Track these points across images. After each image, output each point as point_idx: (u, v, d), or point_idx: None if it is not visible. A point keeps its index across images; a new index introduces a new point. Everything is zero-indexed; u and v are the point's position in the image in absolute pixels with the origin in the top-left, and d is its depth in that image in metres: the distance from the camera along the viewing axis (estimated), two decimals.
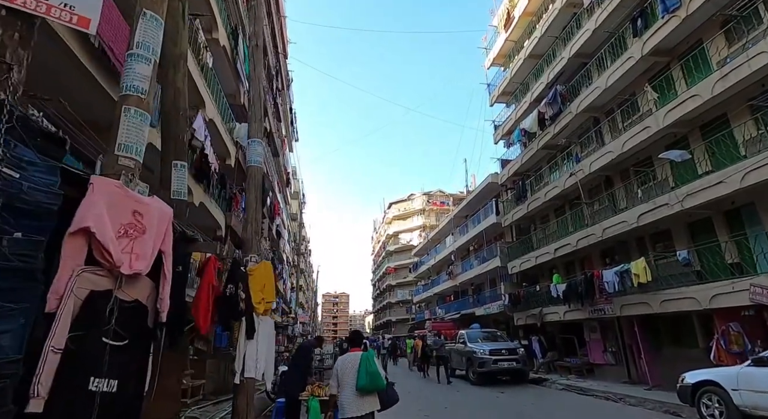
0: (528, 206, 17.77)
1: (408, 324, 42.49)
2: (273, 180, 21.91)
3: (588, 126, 14.91)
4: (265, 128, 17.34)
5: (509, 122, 20.10)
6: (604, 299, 12.23)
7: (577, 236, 13.95)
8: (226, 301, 3.67)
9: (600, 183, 14.24)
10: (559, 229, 16.15)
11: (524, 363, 12.01)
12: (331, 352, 15.74)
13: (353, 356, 3.75)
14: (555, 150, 16.97)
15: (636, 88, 12.30)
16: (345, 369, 3.68)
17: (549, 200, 16.31)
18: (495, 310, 20.61)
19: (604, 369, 13.52)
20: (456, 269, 27.52)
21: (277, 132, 22.65)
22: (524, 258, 18.02)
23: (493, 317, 21.45)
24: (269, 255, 21.23)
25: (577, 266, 15.79)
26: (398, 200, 60.61)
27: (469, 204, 26.16)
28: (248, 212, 5.26)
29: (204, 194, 9.96)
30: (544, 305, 16.06)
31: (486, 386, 11.79)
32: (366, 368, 3.57)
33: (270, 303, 4.79)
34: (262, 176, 5.54)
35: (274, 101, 19.32)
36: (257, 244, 5.25)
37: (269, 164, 18.77)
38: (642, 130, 11.04)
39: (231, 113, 13.06)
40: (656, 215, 10.42)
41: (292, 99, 27.23)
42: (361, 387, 3.53)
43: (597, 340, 13.95)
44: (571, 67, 15.38)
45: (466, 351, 12.55)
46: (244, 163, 14.11)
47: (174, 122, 3.71)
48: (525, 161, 18.40)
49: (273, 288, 5.02)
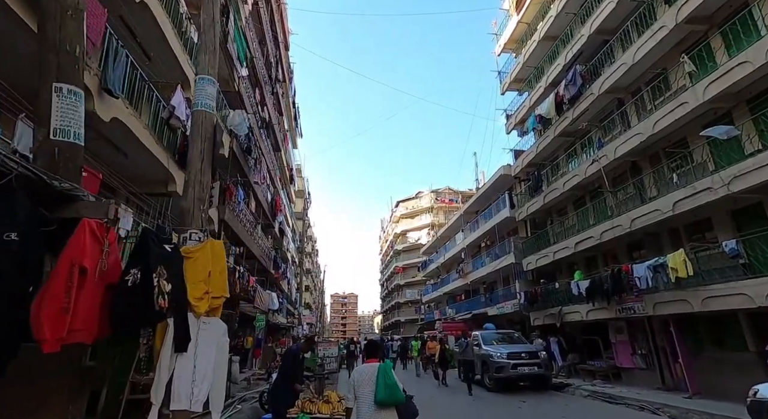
0: (544, 197, 16.60)
1: (417, 324, 41.42)
2: (275, 176, 21.04)
3: (611, 109, 13.71)
4: (264, 118, 16.46)
5: (522, 109, 18.93)
6: (634, 297, 11.05)
7: (601, 229, 12.76)
8: (127, 294, 2.40)
9: (625, 171, 13.04)
10: (580, 222, 14.95)
11: (546, 368, 10.88)
12: (335, 355, 14.67)
13: (370, 367, 3.57)
14: (573, 137, 15.77)
15: (668, 63, 11.10)
16: (362, 381, 3.49)
17: (568, 190, 15.12)
18: (509, 309, 19.44)
19: (633, 374, 12.32)
20: (467, 268, 26.36)
21: (278, 125, 21.78)
22: (541, 254, 16.85)
23: (507, 317, 20.29)
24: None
25: (599, 262, 14.59)
26: (406, 199, 59.56)
27: (479, 199, 25.01)
28: (190, 171, 4.18)
29: None
30: (564, 304, 14.89)
31: (503, 393, 10.70)
32: (384, 380, 3.37)
33: (220, 299, 3.68)
34: (214, 128, 4.44)
35: (273, 91, 18.43)
36: (202, 216, 4.22)
37: (269, 155, 17.88)
38: (677, 107, 9.85)
39: (224, 100, 12.15)
40: (696, 201, 9.23)
41: (294, 92, 26.37)
42: (380, 401, 3.33)
43: (624, 342, 12.75)
44: (592, 45, 14.20)
45: (480, 354, 11.47)
46: (239, 153, 13.24)
47: (54, 23, 2.49)
48: (540, 150, 17.22)
49: (224, 278, 3.81)
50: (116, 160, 7.40)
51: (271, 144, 20.04)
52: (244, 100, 13.12)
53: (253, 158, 13.76)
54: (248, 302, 12.73)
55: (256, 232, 16.40)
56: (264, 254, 18.12)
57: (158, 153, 7.51)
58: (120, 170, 7.72)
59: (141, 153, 7.20)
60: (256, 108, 15.43)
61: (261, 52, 16.46)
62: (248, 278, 14.07)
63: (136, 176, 8.06)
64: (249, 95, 14.16)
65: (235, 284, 12.66)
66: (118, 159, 7.33)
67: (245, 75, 12.87)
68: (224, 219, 11.56)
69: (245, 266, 13.50)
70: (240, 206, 12.65)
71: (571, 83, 14.00)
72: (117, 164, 7.53)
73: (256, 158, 14.05)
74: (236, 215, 12.82)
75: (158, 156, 7.53)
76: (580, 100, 14.04)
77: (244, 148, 13.21)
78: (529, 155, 18.25)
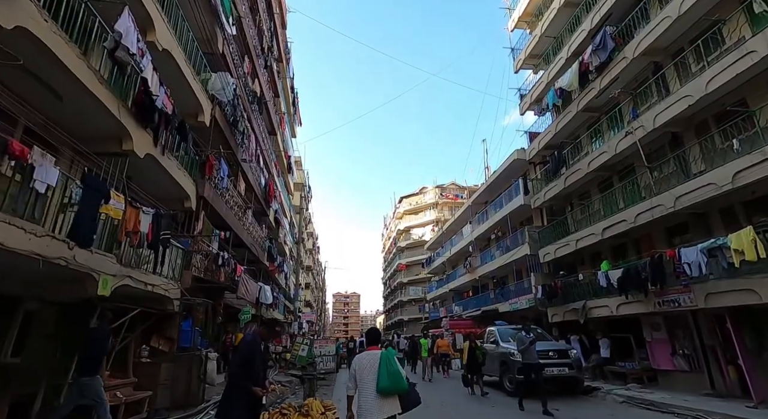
0: (565, 180, 14.98)
1: (421, 323, 39.84)
2: (269, 160, 19.53)
3: (645, 76, 12.09)
4: (255, 92, 14.92)
5: (539, 86, 17.31)
6: (680, 288, 9.44)
7: (636, 211, 11.14)
8: None
9: (663, 144, 11.42)
10: (606, 206, 13.32)
11: (578, 369, 9.28)
12: (332, 353, 13.15)
13: (372, 354, 3.43)
14: (598, 112, 14.16)
15: (721, 12, 9.46)
16: (363, 369, 3.37)
17: (593, 171, 13.50)
18: (523, 305, 17.85)
19: (674, 377, 10.70)
20: (475, 262, 24.76)
21: (274, 107, 20.27)
22: (560, 243, 15.23)
23: (521, 313, 18.67)
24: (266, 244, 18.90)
25: (630, 250, 12.96)
26: (409, 194, 58.01)
27: (489, 188, 23.39)
28: None
29: (153, 146, 7.51)
30: (588, 298, 13.29)
31: (526, 397, 9.10)
32: (387, 368, 3.25)
33: None
34: None
35: (267, 65, 16.90)
36: None
37: (261, 134, 16.35)
38: (739, 58, 8.22)
39: (205, 63, 10.63)
40: (766, 170, 7.62)
41: (292, 75, 24.86)
42: (383, 389, 3.20)
43: (662, 340, 11.13)
44: (621, 7, 12.58)
45: (499, 352, 9.90)
46: (223, 124, 11.71)
47: None
48: (560, 130, 15.60)
49: None
50: (52, 107, 5.89)
51: (265, 125, 18.53)
52: (229, 65, 11.60)
53: (240, 131, 12.25)
54: (233, 292, 11.22)
55: (246, 217, 14.89)
56: (256, 242, 16.61)
57: (105, 98, 5.99)
58: (63, 124, 6.22)
59: (80, 95, 5.67)
60: (245, 79, 13.92)
61: (252, 20, 14.95)
62: (234, 266, 12.56)
63: (84, 132, 6.56)
64: (236, 61, 12.64)
65: (218, 272, 11.17)
66: (51, 105, 5.81)
67: (232, 34, 11.34)
68: (204, 196, 10.05)
69: (231, 253, 12.00)
70: (224, 183, 11.13)
71: (599, 48, 12.38)
72: (55, 112, 6.03)
73: (244, 131, 12.53)
74: (220, 193, 11.31)
75: (106, 102, 6.00)
76: (610, 68, 12.42)
77: (230, 119, 11.70)
78: (546, 136, 16.64)
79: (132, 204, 5.65)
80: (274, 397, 10.24)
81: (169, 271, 8.56)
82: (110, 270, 6.11)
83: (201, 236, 9.96)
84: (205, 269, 10.46)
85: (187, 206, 9.61)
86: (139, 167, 8.02)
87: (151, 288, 7.55)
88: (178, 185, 9.07)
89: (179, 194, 9.40)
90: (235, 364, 3.50)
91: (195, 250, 9.78)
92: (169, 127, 7.51)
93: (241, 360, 3.44)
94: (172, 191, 9.25)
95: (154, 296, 7.98)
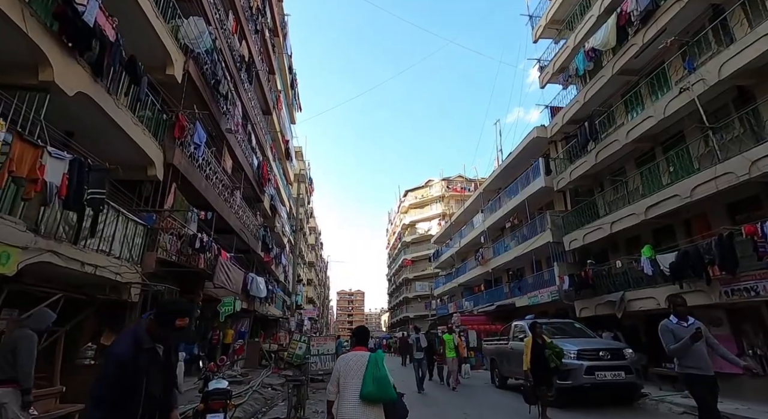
0: (596, 156, 13.11)
1: (428, 320, 38.04)
2: (264, 142, 17.82)
3: (700, 25, 10.21)
4: (242, 55, 13.19)
5: (564, 51, 15.41)
6: (758, 273, 7.61)
7: (692, 183, 9.27)
8: None
9: (727, 102, 9.55)
10: (648, 182, 11.48)
11: (637, 373, 7.46)
12: (332, 352, 11.40)
13: (358, 355, 2.99)
14: (637, 75, 12.29)
15: None
16: (348, 371, 2.92)
17: (632, 141, 11.63)
18: (545, 299, 16.03)
19: (739, 382, 8.83)
20: (487, 254, 22.94)
21: (268, 83, 18.55)
22: (590, 228, 13.38)
23: (541, 308, 16.86)
24: (260, 232, 17.19)
25: (679, 232, 11.10)
26: (415, 188, 56.17)
27: (503, 173, 21.52)
28: None
29: (92, 81, 5.78)
30: (627, 288, 11.47)
31: (570, 408, 7.33)
32: (373, 372, 2.83)
33: None
34: None
35: (257, 29, 15.14)
36: None
37: (252, 108, 14.63)
38: None
39: (177, 10, 8.90)
40: None
41: (290, 52, 23.10)
42: (367, 395, 2.79)
43: (725, 338, 9.24)
44: None
45: None
46: (200, 82, 9.98)
47: None
48: (590, 99, 13.72)
49: None
50: None
51: (259, 102, 16.82)
52: (208, 15, 9.86)
53: (222, 94, 10.52)
54: (210, 280, 9.50)
55: (233, 200, 13.19)
56: (247, 229, 14.92)
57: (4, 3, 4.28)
58: None
59: None
60: (231, 40, 12.18)
61: None
62: (218, 252, 10.87)
63: None
64: (219, 16, 10.90)
65: (196, 257, 9.47)
66: None
67: None
68: (174, 164, 8.33)
69: (212, 236, 10.30)
70: (200, 152, 9.41)
71: None
72: None
73: (228, 96, 10.80)
74: (196, 163, 9.59)
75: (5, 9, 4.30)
76: (656, 16, 10.53)
77: (210, 79, 9.97)
78: (572, 109, 14.75)
79: (28, 140, 3.93)
80: (260, 405, 8.55)
81: (123, 250, 6.87)
82: (17, 240, 4.42)
83: (170, 212, 8.25)
84: (178, 252, 8.77)
85: (151, 175, 7.90)
86: (81, 119, 6.35)
87: (92, 270, 5.86)
88: (138, 148, 7.36)
89: (141, 159, 7.69)
90: (91, 394, 1.75)
91: (162, 228, 8.08)
92: (113, 60, 5.76)
93: (100, 384, 1.74)
94: (132, 155, 7.54)
95: (100, 281, 6.30)
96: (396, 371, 17.41)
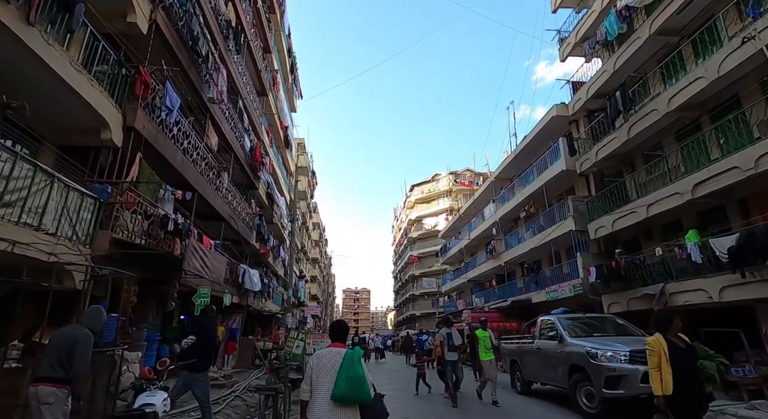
0: (629, 130, 11.56)
1: (435, 317, 36.60)
2: (258, 125, 16.49)
3: None
4: (228, 19, 11.83)
5: (589, 16, 13.82)
6: None
7: (756, 152, 7.71)
8: None
9: None
10: (691, 158, 9.93)
11: None
12: None
13: (333, 352, 2.80)
14: (678, 35, 10.72)
15: None
16: (321, 369, 2.73)
17: (675, 110, 10.05)
18: (566, 293, 14.52)
19: None
20: (499, 246, 21.45)
21: (264, 62, 17.20)
22: (620, 212, 11.86)
23: (562, 303, 15.30)
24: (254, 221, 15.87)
25: (733, 213, 9.54)
26: (421, 182, 54.63)
27: (517, 159, 19.96)
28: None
29: None
30: (669, 280, 9.94)
31: None
32: (347, 371, 2.63)
33: None
34: None
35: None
36: None
37: (242, 82, 13.30)
38: None
39: None
40: None
41: (287, 32, 21.72)
42: (338, 396, 2.59)
43: None
44: None
45: (566, 352, 6.66)
46: (173, 37, 8.60)
47: None
48: (620, 67, 12.14)
49: None
50: None
51: (251, 76, 15.46)
52: None
53: (201, 55, 9.15)
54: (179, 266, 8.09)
55: (221, 182, 11.87)
56: (238, 217, 13.60)
57: None
58: None
59: None
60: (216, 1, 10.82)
61: None
62: (200, 239, 9.54)
63: None
64: None
65: (170, 241, 8.15)
66: None
67: None
68: (136, 128, 6.98)
69: (191, 219, 8.95)
70: (172, 118, 8.06)
71: None
72: None
73: (209, 58, 9.43)
74: (168, 133, 8.24)
75: None
76: None
77: (187, 39, 8.61)
78: (599, 80, 13.18)
79: None
80: (240, 414, 7.20)
81: (62, 226, 5.54)
82: None
83: (130, 184, 6.90)
84: (144, 234, 7.43)
85: (105, 139, 6.55)
86: None
87: (7, 247, 4.55)
88: (86, 104, 6.01)
89: (91, 119, 6.34)
90: None
91: (123, 204, 6.75)
92: None
93: None
94: (80, 114, 6.20)
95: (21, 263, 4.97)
96: (401, 371, 16.06)
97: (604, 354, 5.79)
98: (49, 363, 3.35)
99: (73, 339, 3.44)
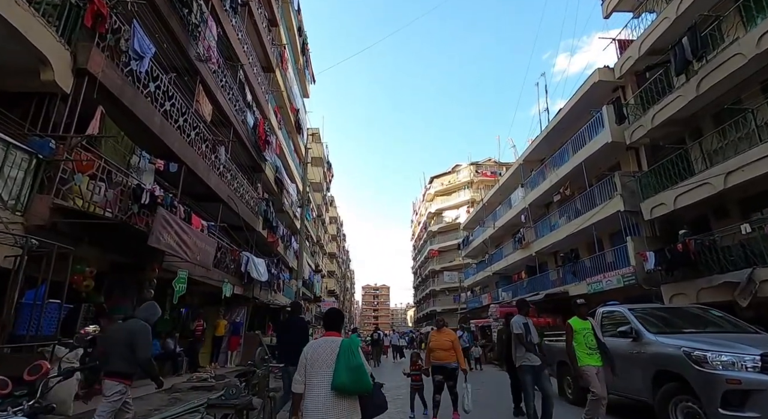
0: (698, 85, 9.52)
1: (457, 314, 34.77)
2: (264, 102, 15.14)
3: None
4: None
5: None
6: None
7: None
8: None
9: None
10: None
11: None
12: None
13: (329, 341, 2.61)
14: None
15: None
16: (316, 360, 2.54)
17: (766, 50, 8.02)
18: (613, 284, 12.57)
19: None
20: (529, 235, 19.52)
21: (270, 35, 15.83)
22: (686, 186, 9.87)
23: (606, 296, 13.35)
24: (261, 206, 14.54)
25: None
26: (441, 174, 52.65)
27: (549, 137, 17.92)
28: None
29: None
30: (760, 265, 7.96)
31: None
32: (346, 361, 2.45)
33: None
34: None
35: None
36: None
37: (240, 47, 11.92)
38: None
39: None
40: None
41: (297, 6, 20.28)
42: (338, 386, 2.41)
43: None
44: None
45: (648, 354, 4.88)
46: None
47: None
48: (684, 11, 10.06)
49: None
50: None
51: (255, 48, 14.09)
52: None
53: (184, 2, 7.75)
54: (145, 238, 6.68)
55: (216, 157, 10.53)
56: (240, 199, 12.28)
57: None
58: None
59: None
60: None
61: None
62: (187, 218, 8.19)
63: None
64: None
65: (145, 217, 6.80)
66: None
67: None
68: (91, 72, 5.60)
69: (173, 193, 7.59)
70: (143, 66, 6.67)
71: None
72: None
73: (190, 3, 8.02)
74: (140, 88, 6.85)
75: None
76: None
77: None
78: (656, 31, 11.11)
79: None
80: None
81: None
82: None
83: (81, 139, 5.53)
84: (108, 205, 6.07)
85: (47, 81, 5.18)
86: None
87: None
88: (13, 31, 4.65)
89: (26, 55, 4.98)
90: None
91: (77, 167, 5.40)
92: None
93: None
94: (7, 45, 4.86)
95: None
96: None
97: (717, 357, 4.03)
98: (113, 359, 3.45)
99: (130, 334, 3.49)
